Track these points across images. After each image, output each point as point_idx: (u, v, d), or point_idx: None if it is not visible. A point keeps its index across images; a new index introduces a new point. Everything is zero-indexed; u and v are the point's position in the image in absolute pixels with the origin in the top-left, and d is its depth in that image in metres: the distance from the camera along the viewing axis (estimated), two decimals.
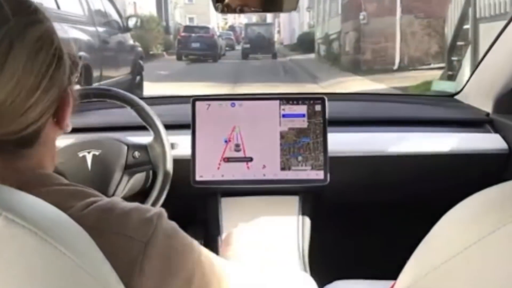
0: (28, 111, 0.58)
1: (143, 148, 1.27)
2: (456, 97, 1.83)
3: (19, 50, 0.56)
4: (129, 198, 1.25)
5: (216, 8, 1.13)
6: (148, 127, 1.26)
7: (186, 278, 0.65)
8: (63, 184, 0.63)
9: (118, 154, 1.25)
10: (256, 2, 1.14)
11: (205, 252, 0.70)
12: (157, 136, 1.25)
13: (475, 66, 1.70)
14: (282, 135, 1.40)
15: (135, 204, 0.64)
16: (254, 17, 27.46)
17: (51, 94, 0.61)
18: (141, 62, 7.20)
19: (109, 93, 1.27)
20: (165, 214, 0.65)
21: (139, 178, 1.28)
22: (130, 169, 1.24)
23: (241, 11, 1.09)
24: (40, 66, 0.58)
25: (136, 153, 1.26)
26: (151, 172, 1.29)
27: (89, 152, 1.22)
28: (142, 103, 1.25)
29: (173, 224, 0.66)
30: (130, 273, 0.59)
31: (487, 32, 6.13)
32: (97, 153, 1.23)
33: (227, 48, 22.76)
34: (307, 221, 1.46)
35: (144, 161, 1.26)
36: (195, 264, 0.67)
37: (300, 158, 1.39)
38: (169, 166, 1.25)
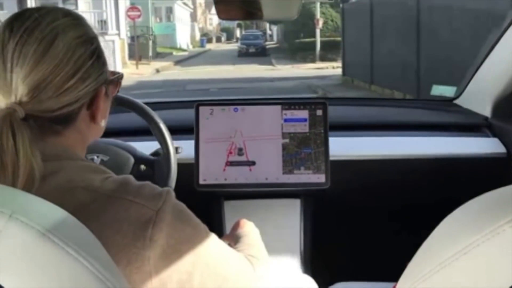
0: (65, 92, 0.68)
1: (150, 163, 1.27)
2: (455, 101, 1.84)
3: (61, 41, 0.69)
4: None
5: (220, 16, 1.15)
6: (160, 144, 1.25)
7: (193, 254, 0.69)
8: (86, 160, 0.73)
9: (125, 164, 1.25)
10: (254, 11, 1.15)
11: (212, 234, 0.75)
12: (167, 156, 1.23)
13: (474, 71, 1.72)
14: (284, 147, 1.41)
15: (146, 182, 0.72)
16: None
17: (87, 84, 0.71)
18: None
19: (133, 104, 1.25)
20: (173, 193, 0.71)
21: None
22: None
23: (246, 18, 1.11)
24: (78, 58, 0.70)
25: (142, 167, 1.26)
26: None
27: (97, 157, 1.23)
28: (159, 120, 1.24)
29: (181, 203, 0.72)
30: (141, 238, 0.65)
31: None
32: (105, 159, 1.24)
33: None
34: (309, 223, 1.48)
35: (148, 175, 1.25)
36: (203, 240, 0.71)
37: (302, 168, 1.41)
38: (171, 186, 1.23)
